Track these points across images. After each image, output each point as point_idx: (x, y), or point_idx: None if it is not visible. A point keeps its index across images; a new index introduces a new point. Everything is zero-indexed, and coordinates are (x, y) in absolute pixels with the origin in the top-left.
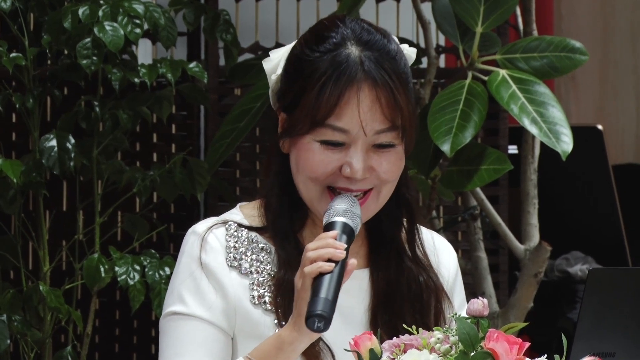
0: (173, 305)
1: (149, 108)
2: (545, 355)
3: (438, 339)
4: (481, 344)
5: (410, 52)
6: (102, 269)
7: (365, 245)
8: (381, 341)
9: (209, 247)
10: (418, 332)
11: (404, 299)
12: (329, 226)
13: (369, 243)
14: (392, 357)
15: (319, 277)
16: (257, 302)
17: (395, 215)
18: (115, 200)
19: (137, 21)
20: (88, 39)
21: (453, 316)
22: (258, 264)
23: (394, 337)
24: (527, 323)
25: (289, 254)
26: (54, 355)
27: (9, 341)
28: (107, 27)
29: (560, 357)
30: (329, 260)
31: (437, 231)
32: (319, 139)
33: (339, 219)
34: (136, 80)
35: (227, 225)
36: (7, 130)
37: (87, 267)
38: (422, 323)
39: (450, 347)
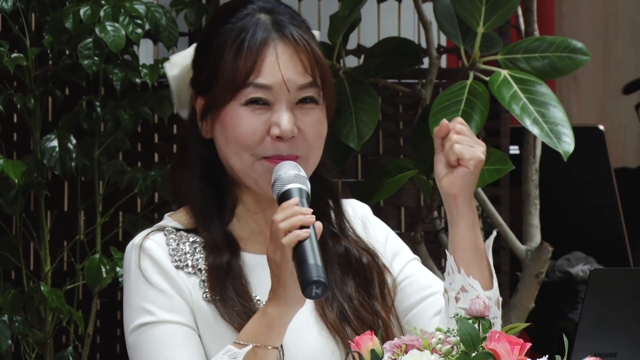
0: (137, 318)
1: (150, 108)
2: (547, 356)
3: (439, 339)
4: (482, 345)
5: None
6: (103, 270)
7: None
8: (324, 316)
9: (153, 253)
10: (419, 333)
11: (346, 274)
12: (285, 195)
13: None
14: (393, 357)
15: (298, 246)
16: (210, 299)
17: (321, 199)
18: (117, 201)
19: (139, 21)
20: (89, 39)
21: (454, 317)
22: (202, 261)
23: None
24: (528, 323)
25: (216, 239)
26: (55, 356)
27: (10, 341)
28: (109, 27)
29: (562, 358)
30: (302, 227)
31: (439, 231)
32: (243, 101)
33: (293, 186)
34: (137, 80)
35: (165, 231)
36: (9, 131)
37: (89, 268)
38: (368, 294)
39: (452, 347)
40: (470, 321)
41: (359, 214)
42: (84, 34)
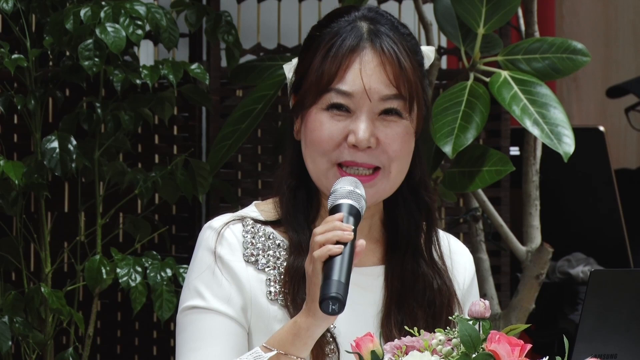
0: (190, 299)
1: (150, 109)
2: (547, 357)
3: (440, 340)
4: (483, 346)
5: (428, 52)
6: (103, 271)
7: (381, 243)
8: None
9: (225, 242)
10: (420, 334)
11: (418, 303)
12: (335, 209)
13: (385, 242)
14: (393, 358)
15: (329, 260)
16: (273, 298)
17: (414, 219)
18: (117, 202)
19: (139, 22)
20: (90, 40)
21: (455, 317)
22: (274, 260)
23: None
24: (528, 325)
25: (301, 241)
26: (55, 357)
27: (10, 343)
28: (109, 29)
29: (562, 359)
30: (338, 242)
31: None
32: (325, 105)
33: (344, 201)
34: (138, 81)
35: (243, 221)
36: (9, 132)
37: (89, 269)
38: (434, 328)
39: (452, 348)
40: (471, 322)
41: (453, 252)
42: (85, 35)
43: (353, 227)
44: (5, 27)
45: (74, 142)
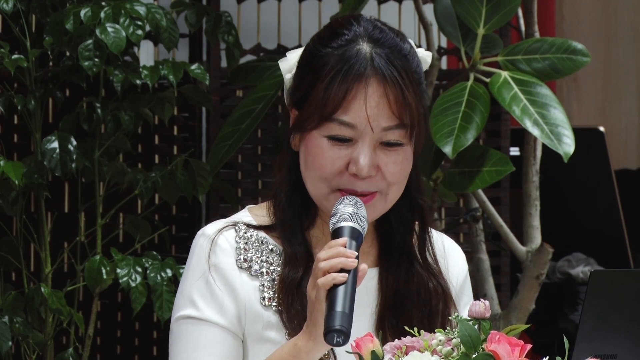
0: (184, 308)
1: (150, 109)
2: (547, 357)
3: (440, 340)
4: (483, 346)
5: (425, 56)
6: (103, 271)
7: (375, 245)
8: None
9: (218, 249)
10: (420, 334)
11: (413, 304)
12: (337, 232)
13: (379, 244)
14: (394, 359)
15: (333, 288)
16: (267, 304)
17: (407, 220)
18: (117, 202)
19: (139, 23)
20: (90, 41)
21: (455, 317)
22: (268, 265)
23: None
24: (529, 325)
25: (296, 251)
26: (55, 357)
27: (10, 343)
28: (109, 29)
29: (562, 359)
30: (342, 270)
31: None
32: (326, 134)
33: (347, 224)
34: (138, 81)
35: (236, 227)
36: (9, 132)
37: (89, 269)
38: (430, 328)
39: (452, 349)
40: (471, 322)
41: (447, 252)
42: (85, 35)
43: (357, 254)
44: (5, 27)
45: (74, 143)
